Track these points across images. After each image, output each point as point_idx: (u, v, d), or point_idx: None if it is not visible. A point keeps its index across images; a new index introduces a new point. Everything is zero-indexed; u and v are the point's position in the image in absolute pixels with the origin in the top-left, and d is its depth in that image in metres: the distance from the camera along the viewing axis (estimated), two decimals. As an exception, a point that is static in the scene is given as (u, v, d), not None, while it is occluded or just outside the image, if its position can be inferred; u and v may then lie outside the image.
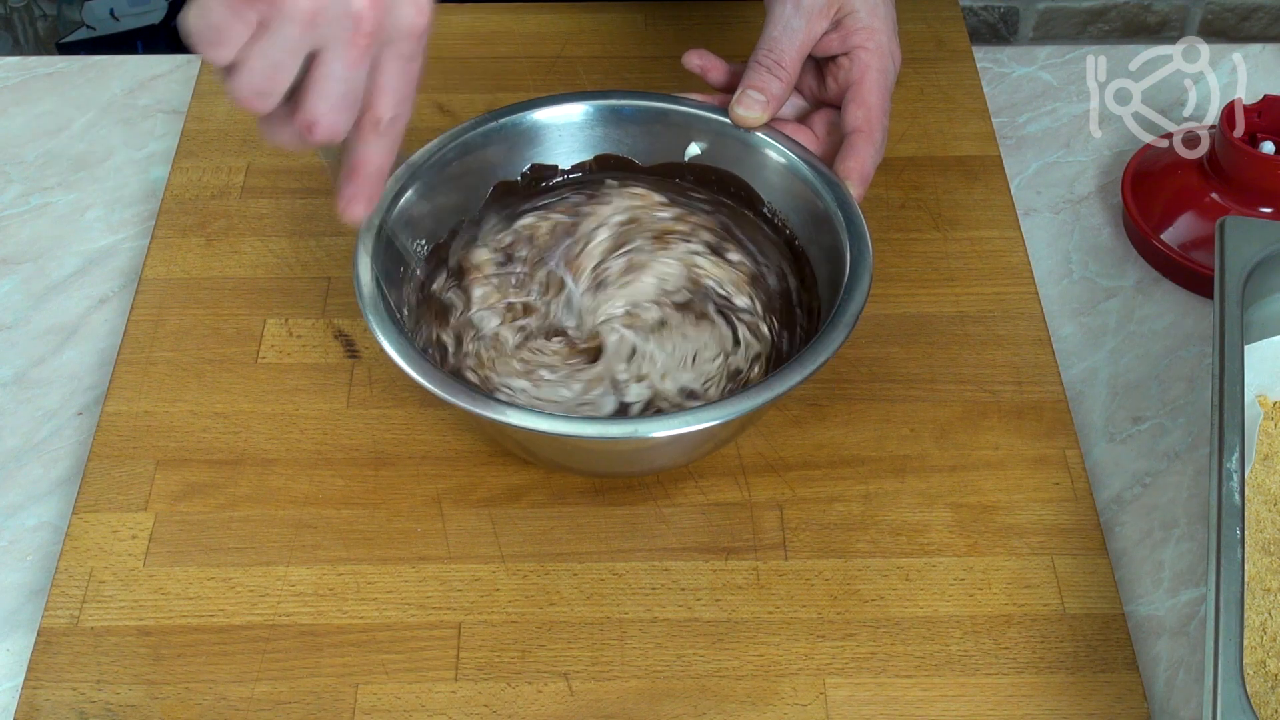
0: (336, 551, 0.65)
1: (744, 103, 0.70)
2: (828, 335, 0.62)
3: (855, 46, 0.71)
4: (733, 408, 0.60)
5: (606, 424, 0.61)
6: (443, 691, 0.61)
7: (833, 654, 0.62)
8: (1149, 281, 0.79)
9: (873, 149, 0.70)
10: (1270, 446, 0.66)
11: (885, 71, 0.71)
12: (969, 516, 0.67)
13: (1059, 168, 0.85)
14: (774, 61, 0.70)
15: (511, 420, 0.59)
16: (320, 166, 0.63)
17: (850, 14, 0.71)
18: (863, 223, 0.67)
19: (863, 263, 0.65)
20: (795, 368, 0.61)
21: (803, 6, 0.70)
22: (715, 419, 0.60)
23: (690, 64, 0.74)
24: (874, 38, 0.71)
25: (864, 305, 0.64)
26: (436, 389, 0.60)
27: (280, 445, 0.69)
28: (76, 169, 0.85)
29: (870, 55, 0.71)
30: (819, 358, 0.61)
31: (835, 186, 0.69)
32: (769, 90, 0.70)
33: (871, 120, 0.71)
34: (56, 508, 0.68)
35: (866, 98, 0.71)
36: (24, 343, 0.76)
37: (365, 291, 0.63)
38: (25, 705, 0.60)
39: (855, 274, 0.65)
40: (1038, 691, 0.61)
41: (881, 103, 0.71)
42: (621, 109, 0.74)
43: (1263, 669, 0.59)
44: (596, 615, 0.63)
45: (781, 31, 0.70)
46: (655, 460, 0.67)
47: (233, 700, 0.60)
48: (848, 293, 0.64)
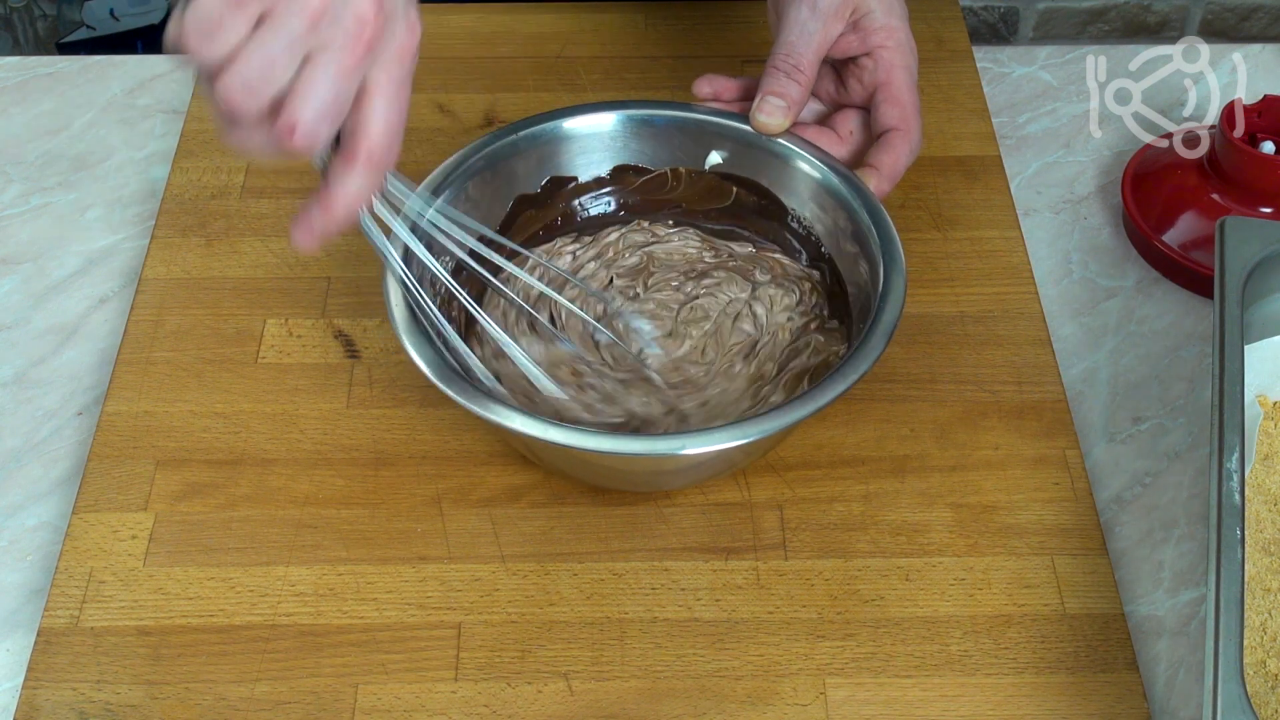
0: (336, 551, 0.65)
1: (765, 109, 0.70)
2: (866, 346, 0.62)
3: (877, 46, 0.71)
4: (755, 428, 0.59)
5: (652, 441, 0.60)
6: (443, 691, 0.61)
7: (833, 654, 0.62)
8: (1149, 281, 0.79)
9: (909, 147, 0.70)
10: (1270, 446, 0.66)
11: (911, 69, 0.71)
12: (969, 516, 0.67)
13: (1059, 168, 0.85)
14: (792, 66, 0.69)
15: (569, 442, 0.58)
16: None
17: (867, 14, 0.70)
18: (892, 228, 0.67)
19: (896, 270, 0.65)
20: (834, 381, 0.60)
21: (819, 9, 0.69)
22: (740, 438, 0.59)
23: (701, 93, 0.73)
24: (894, 35, 0.71)
25: (900, 315, 0.63)
26: (477, 408, 0.59)
27: (280, 445, 0.69)
28: (76, 169, 0.85)
29: (894, 53, 0.71)
30: (860, 368, 0.61)
31: (864, 194, 0.68)
32: (789, 95, 0.69)
33: (908, 118, 0.71)
34: (56, 508, 0.68)
35: (900, 96, 0.71)
36: (24, 343, 0.76)
37: (397, 316, 0.62)
38: (25, 705, 0.60)
39: (889, 283, 0.64)
40: (1038, 691, 0.61)
41: (914, 100, 0.71)
42: (654, 119, 0.73)
43: (1263, 669, 0.59)
44: (596, 615, 0.63)
45: (798, 35, 0.69)
46: (690, 475, 0.66)
47: (233, 700, 0.60)
48: (882, 301, 0.64)
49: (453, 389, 0.59)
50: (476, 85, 0.89)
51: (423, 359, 0.60)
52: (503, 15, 0.94)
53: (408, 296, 0.62)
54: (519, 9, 0.94)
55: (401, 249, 0.63)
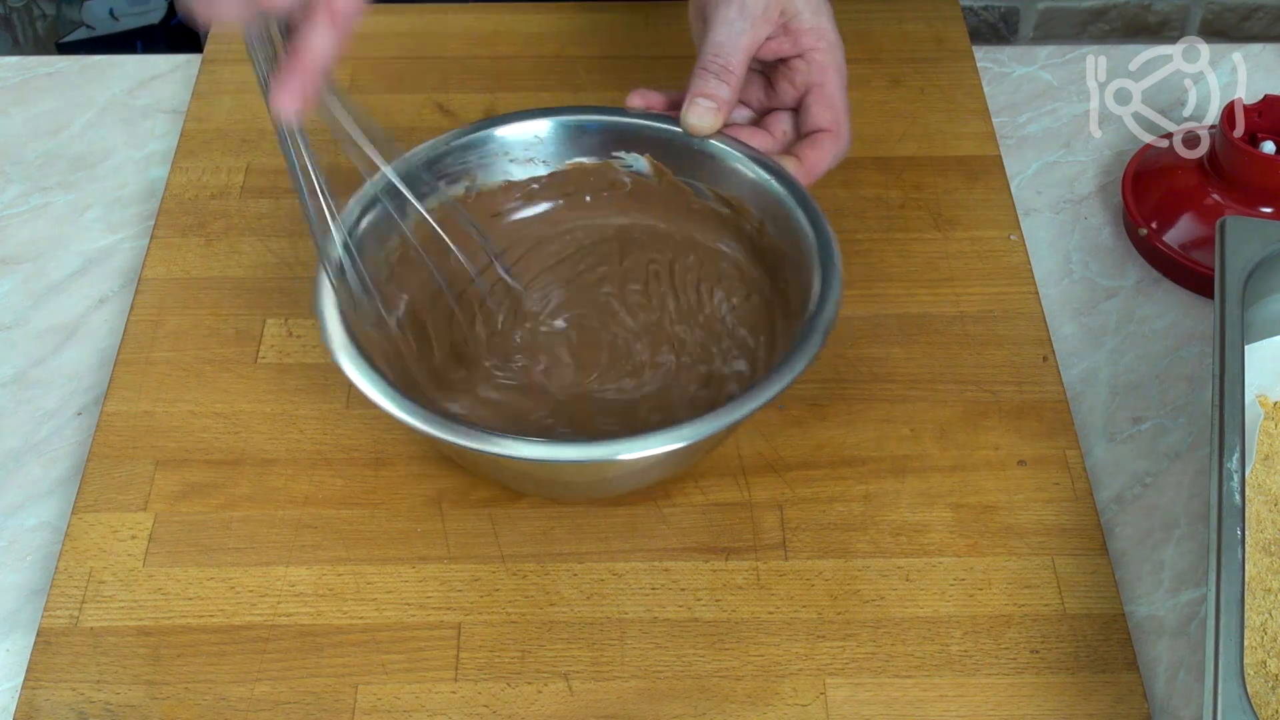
0: (336, 551, 0.65)
1: (695, 111, 0.69)
2: (802, 347, 0.61)
3: (809, 48, 0.71)
4: (692, 430, 0.59)
5: (582, 447, 0.59)
6: (443, 691, 0.61)
7: (833, 654, 0.62)
8: (1149, 281, 0.79)
9: (838, 148, 0.71)
10: (1270, 446, 0.66)
11: (842, 70, 0.71)
12: (969, 516, 0.67)
13: (1059, 168, 0.85)
14: (721, 66, 0.69)
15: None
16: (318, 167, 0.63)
17: (796, 15, 0.70)
18: (828, 228, 0.66)
19: (832, 268, 0.64)
20: (771, 380, 0.60)
21: (747, 11, 0.69)
22: (674, 442, 0.58)
23: (633, 105, 0.73)
24: (825, 37, 0.71)
25: (837, 313, 0.63)
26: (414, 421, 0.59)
27: (280, 445, 0.69)
28: (76, 169, 0.85)
29: (826, 55, 0.71)
30: (792, 372, 0.60)
31: (796, 187, 0.68)
32: (719, 96, 0.69)
33: (839, 120, 0.71)
34: (56, 508, 0.68)
35: (833, 98, 0.71)
36: (24, 343, 0.76)
37: (331, 332, 0.62)
38: (25, 705, 0.60)
39: (826, 280, 0.64)
40: (1038, 691, 0.61)
41: (846, 103, 0.71)
42: (586, 125, 0.72)
43: (1263, 669, 0.59)
44: (596, 615, 0.63)
45: (726, 36, 0.69)
46: (627, 482, 0.66)
47: (233, 700, 0.60)
48: (822, 300, 0.63)
49: (374, 385, 0.60)
50: (476, 85, 0.89)
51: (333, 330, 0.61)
52: (503, 15, 0.94)
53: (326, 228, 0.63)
54: (519, 9, 0.94)
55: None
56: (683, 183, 0.72)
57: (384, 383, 0.60)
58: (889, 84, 0.89)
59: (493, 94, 0.88)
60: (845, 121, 0.71)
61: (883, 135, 0.85)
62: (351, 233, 0.66)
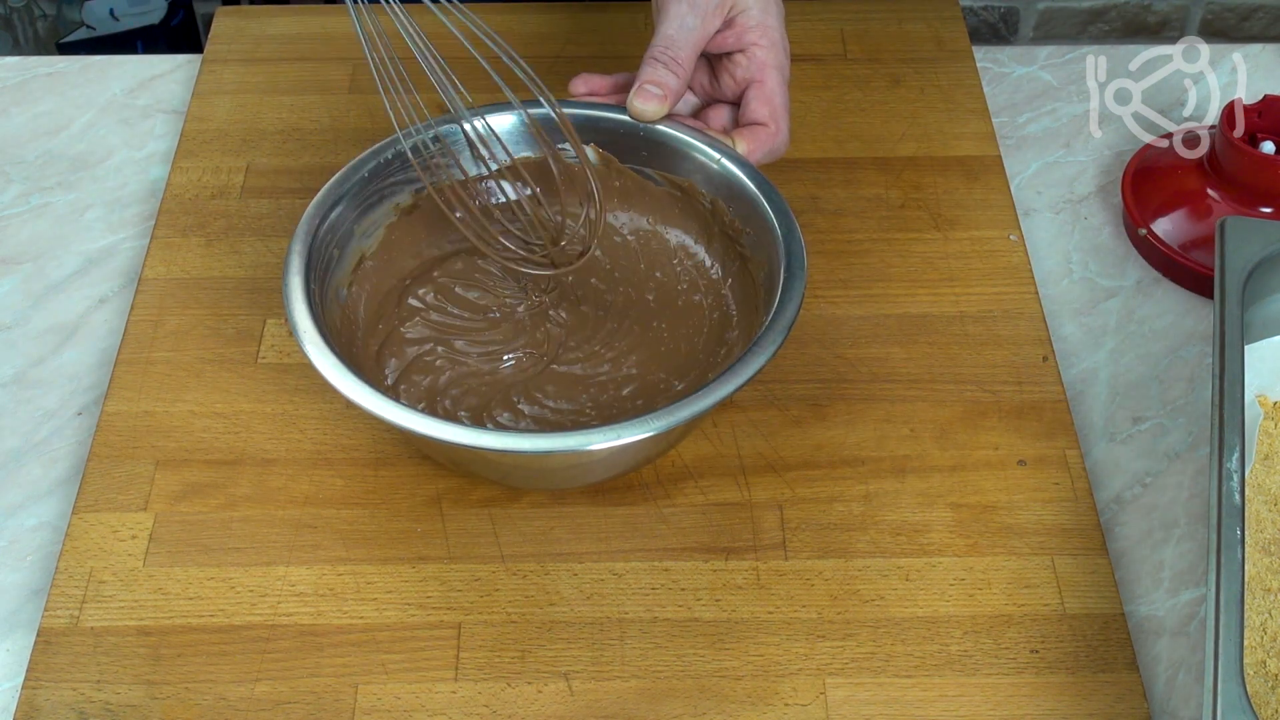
0: (336, 551, 0.65)
1: (641, 96, 0.71)
2: (764, 341, 0.62)
3: (751, 44, 0.72)
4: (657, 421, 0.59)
5: (549, 438, 0.60)
6: (443, 691, 0.61)
7: (833, 654, 0.62)
8: (1149, 281, 0.79)
9: (774, 142, 0.72)
10: (1270, 446, 0.66)
11: (783, 68, 0.73)
12: (969, 516, 0.67)
13: (1059, 168, 0.85)
14: (670, 57, 0.71)
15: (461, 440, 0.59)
16: (318, 168, 0.63)
17: (743, 11, 0.72)
18: (791, 215, 0.67)
19: (797, 259, 0.65)
20: (728, 377, 0.60)
21: (697, 4, 0.71)
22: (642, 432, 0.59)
23: (577, 91, 0.74)
24: (769, 34, 0.72)
25: (802, 296, 0.64)
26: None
27: (280, 445, 0.69)
28: (76, 169, 0.85)
29: (768, 52, 0.72)
30: (754, 365, 0.61)
31: (745, 164, 0.69)
32: (666, 84, 0.71)
33: (777, 117, 0.72)
34: (56, 508, 0.68)
35: (771, 95, 0.72)
36: (24, 343, 0.76)
37: (299, 321, 0.63)
38: (25, 705, 0.60)
39: (791, 271, 0.65)
40: (1038, 691, 0.61)
41: (785, 100, 0.72)
42: (543, 119, 0.73)
43: (1263, 669, 0.59)
44: (596, 615, 0.63)
45: (677, 29, 0.71)
46: (589, 474, 0.66)
47: (233, 700, 0.60)
48: (785, 295, 0.64)
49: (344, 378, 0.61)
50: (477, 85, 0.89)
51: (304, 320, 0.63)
52: (503, 15, 0.94)
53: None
54: (519, 9, 0.94)
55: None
56: (631, 169, 0.73)
57: (344, 368, 0.61)
58: (889, 84, 0.89)
59: (493, 94, 0.88)
60: (783, 119, 0.72)
61: (883, 135, 0.86)
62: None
